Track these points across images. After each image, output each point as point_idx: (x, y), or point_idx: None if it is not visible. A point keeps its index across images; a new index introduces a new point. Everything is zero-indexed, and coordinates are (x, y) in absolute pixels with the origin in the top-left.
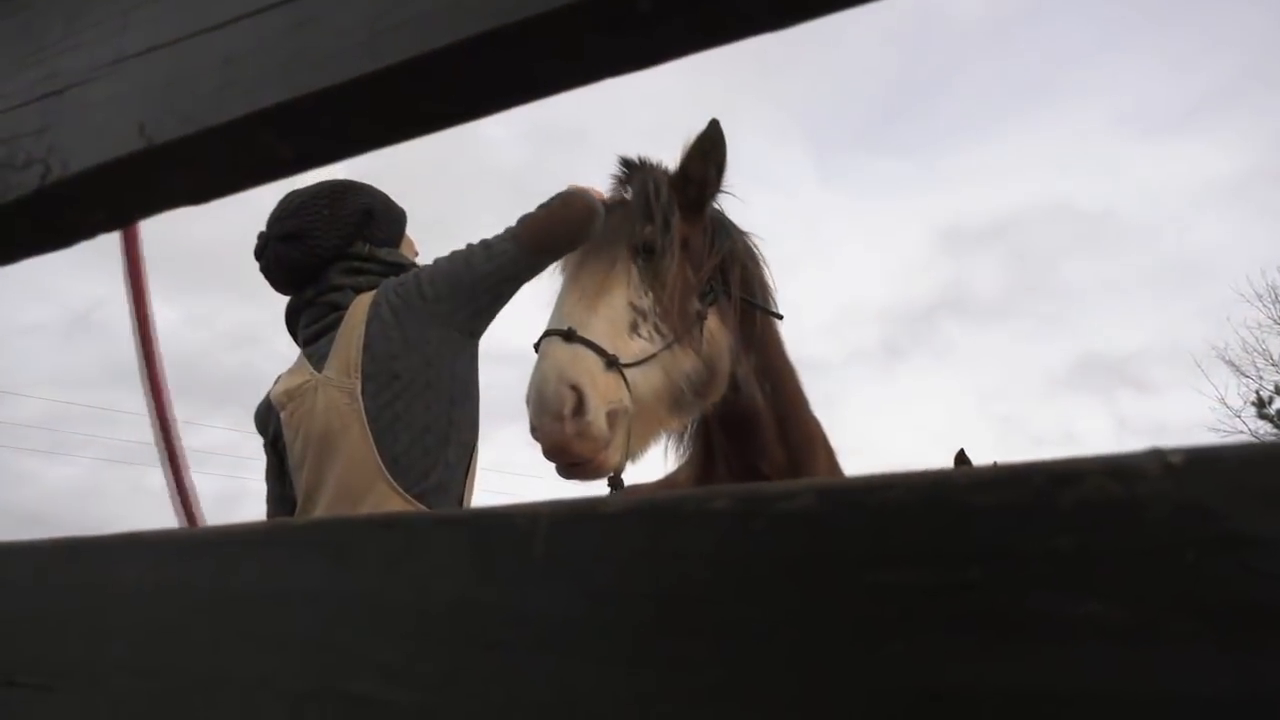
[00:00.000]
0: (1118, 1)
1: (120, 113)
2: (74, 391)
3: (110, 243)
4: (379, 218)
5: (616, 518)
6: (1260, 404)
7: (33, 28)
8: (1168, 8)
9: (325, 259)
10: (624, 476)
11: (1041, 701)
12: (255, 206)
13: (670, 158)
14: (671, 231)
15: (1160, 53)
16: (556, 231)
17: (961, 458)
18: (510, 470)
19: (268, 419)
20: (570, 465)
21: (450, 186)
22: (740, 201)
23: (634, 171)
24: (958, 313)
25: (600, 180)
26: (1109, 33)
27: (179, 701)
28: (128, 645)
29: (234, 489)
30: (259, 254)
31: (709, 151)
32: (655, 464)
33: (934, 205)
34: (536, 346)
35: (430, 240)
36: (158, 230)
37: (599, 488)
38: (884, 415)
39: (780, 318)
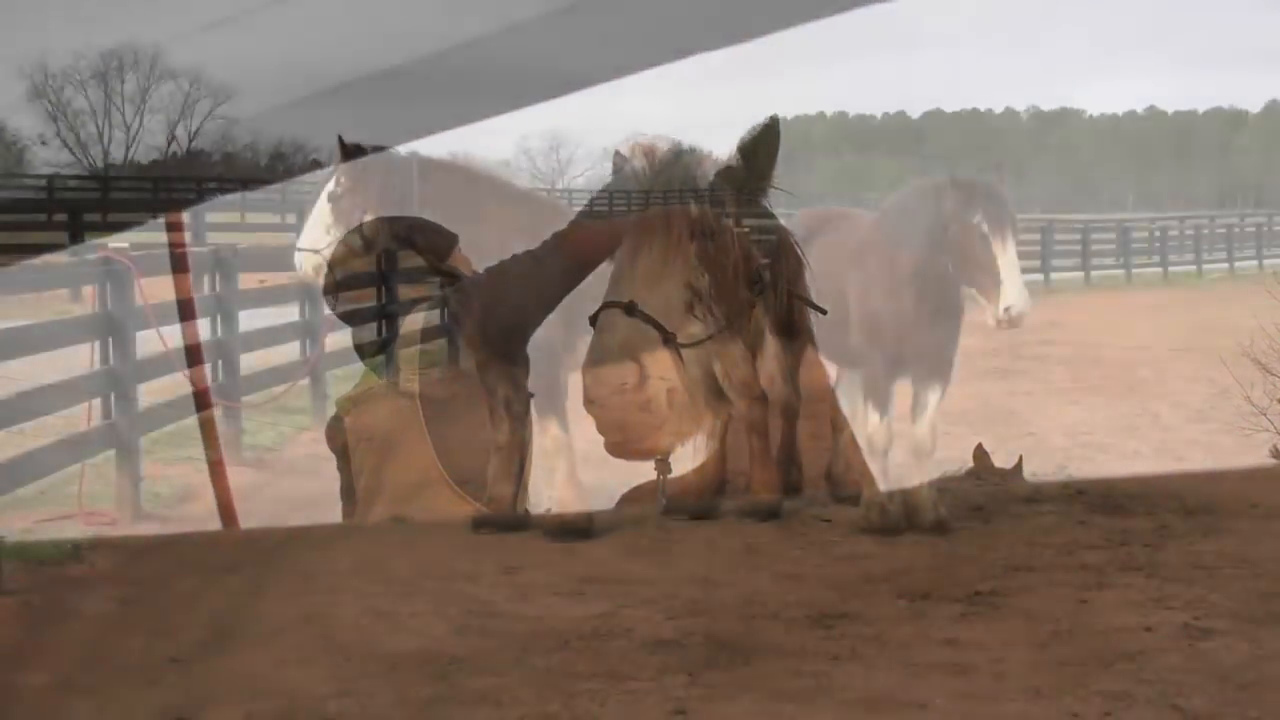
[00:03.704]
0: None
1: None
2: None
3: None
4: (424, 233)
5: None
6: None
7: None
8: (1175, 16)
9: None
10: (669, 461)
11: None
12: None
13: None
14: (728, 215)
15: (1167, 60)
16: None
17: (980, 453)
18: None
19: (335, 432)
20: (623, 441)
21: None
22: (792, 196)
23: (681, 155)
24: None
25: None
26: (1116, 42)
27: None
28: None
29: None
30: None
31: (767, 144)
32: (679, 458)
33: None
34: (593, 320)
35: None
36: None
37: (645, 468)
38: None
39: (824, 312)
